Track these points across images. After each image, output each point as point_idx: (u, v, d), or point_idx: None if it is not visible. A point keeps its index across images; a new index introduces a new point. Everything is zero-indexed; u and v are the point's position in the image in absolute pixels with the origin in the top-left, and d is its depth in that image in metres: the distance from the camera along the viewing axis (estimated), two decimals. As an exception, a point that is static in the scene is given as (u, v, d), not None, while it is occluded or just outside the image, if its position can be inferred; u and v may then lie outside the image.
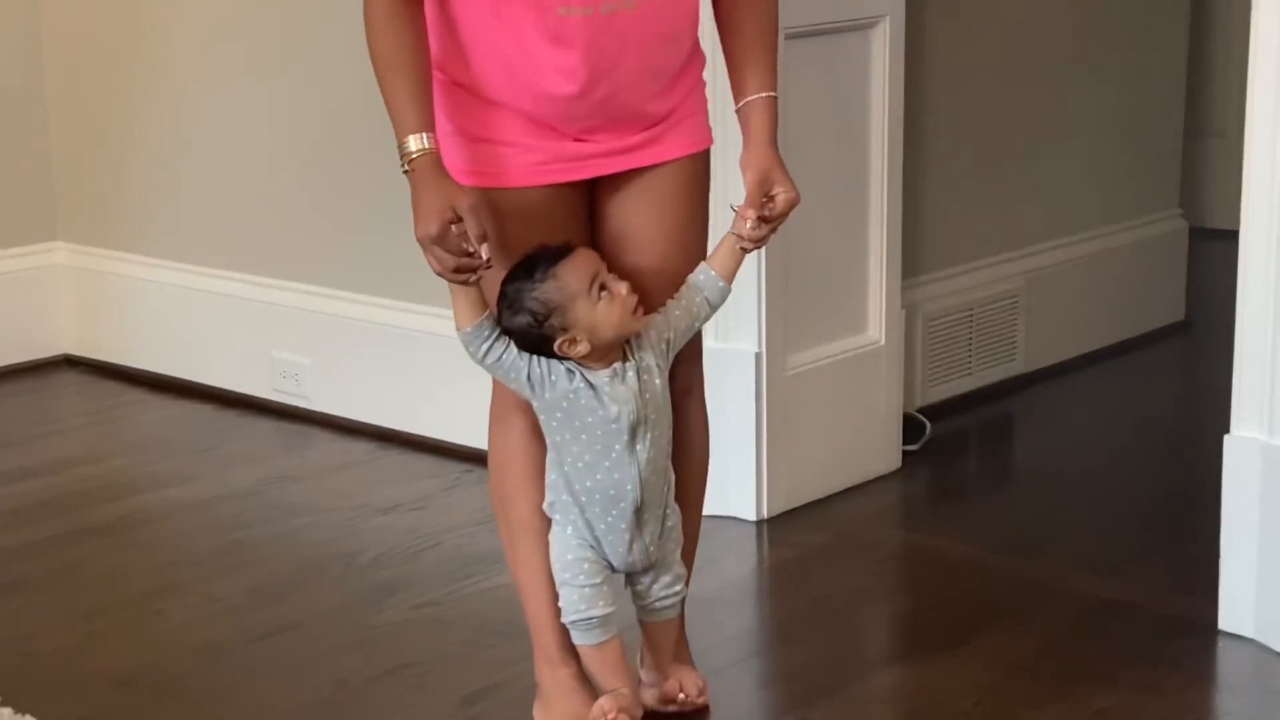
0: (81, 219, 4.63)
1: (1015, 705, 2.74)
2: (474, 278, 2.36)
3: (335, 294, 4.11)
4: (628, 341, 2.47)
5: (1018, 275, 4.33)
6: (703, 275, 2.52)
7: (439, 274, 2.37)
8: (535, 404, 2.47)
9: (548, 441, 2.50)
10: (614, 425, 2.44)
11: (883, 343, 3.73)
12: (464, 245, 2.33)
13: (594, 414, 2.44)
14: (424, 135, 2.35)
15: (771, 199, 2.48)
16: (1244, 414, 2.94)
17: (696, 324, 2.53)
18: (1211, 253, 4.90)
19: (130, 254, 4.52)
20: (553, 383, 2.44)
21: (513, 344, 2.44)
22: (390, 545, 3.43)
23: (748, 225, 2.47)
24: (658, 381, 2.49)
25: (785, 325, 3.51)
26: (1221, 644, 2.95)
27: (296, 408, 4.18)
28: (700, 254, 2.56)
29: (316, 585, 3.26)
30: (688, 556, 2.67)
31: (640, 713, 2.59)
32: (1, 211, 4.58)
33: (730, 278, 2.53)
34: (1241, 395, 2.94)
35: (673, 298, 2.51)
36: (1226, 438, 2.96)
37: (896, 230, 3.71)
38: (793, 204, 2.48)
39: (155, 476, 3.86)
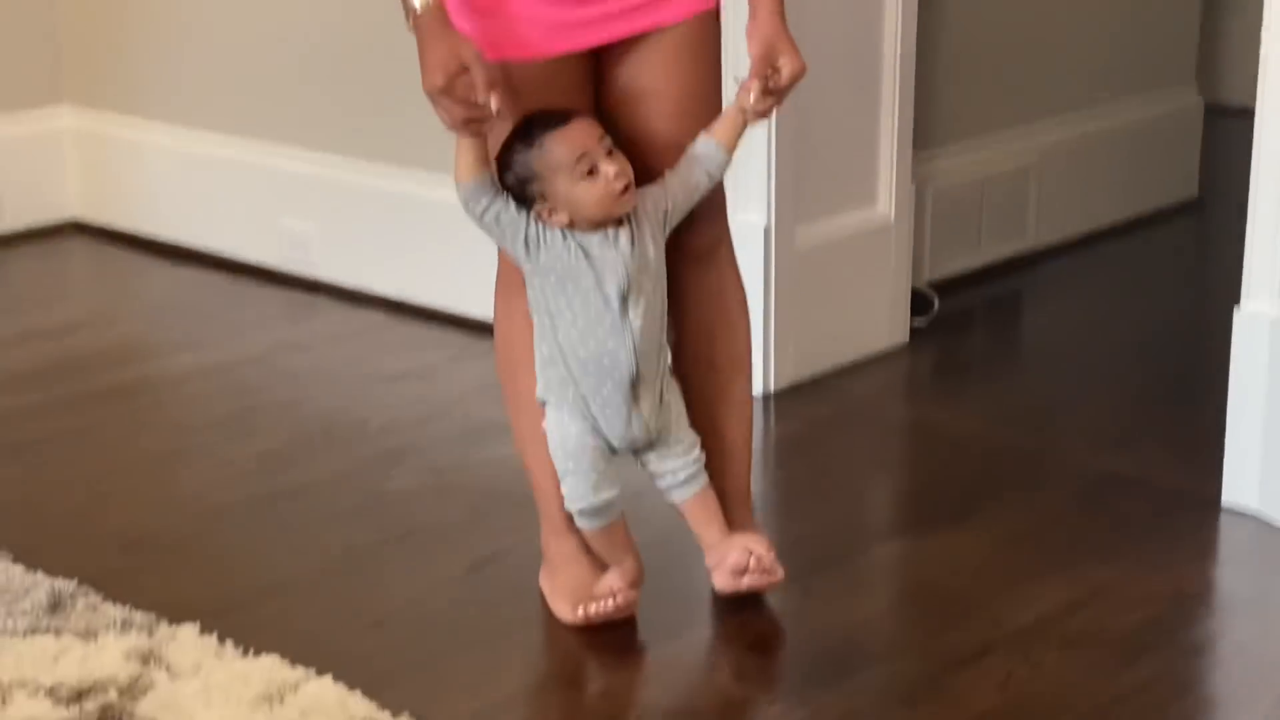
0: (87, 82, 4.61)
1: (1016, 577, 2.76)
2: (485, 129, 2.36)
3: (343, 161, 4.09)
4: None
5: (1030, 150, 4.30)
6: (702, 146, 2.49)
7: (450, 127, 2.36)
8: (528, 268, 2.46)
9: (540, 312, 2.48)
10: (605, 291, 2.43)
11: (892, 217, 3.72)
12: (472, 96, 2.32)
13: (586, 278, 2.43)
14: None
15: (776, 70, 2.44)
16: (1254, 289, 2.93)
17: (695, 195, 2.51)
18: (1227, 130, 4.86)
19: (137, 118, 4.51)
20: (548, 245, 2.43)
21: (512, 203, 2.43)
22: (398, 413, 3.45)
23: (751, 97, 2.45)
24: (651, 251, 2.47)
25: (794, 199, 3.50)
26: (1224, 519, 2.96)
27: (304, 275, 4.18)
28: (711, 116, 2.52)
29: (325, 451, 3.28)
30: (746, 430, 2.65)
31: (642, 580, 2.61)
32: (6, 74, 4.56)
33: (731, 149, 2.50)
34: (1252, 271, 2.93)
35: (671, 169, 2.49)
36: (1236, 313, 2.96)
37: (908, 103, 3.69)
38: (798, 75, 2.45)
39: (164, 342, 3.88)
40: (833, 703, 2.42)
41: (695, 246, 2.56)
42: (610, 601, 2.56)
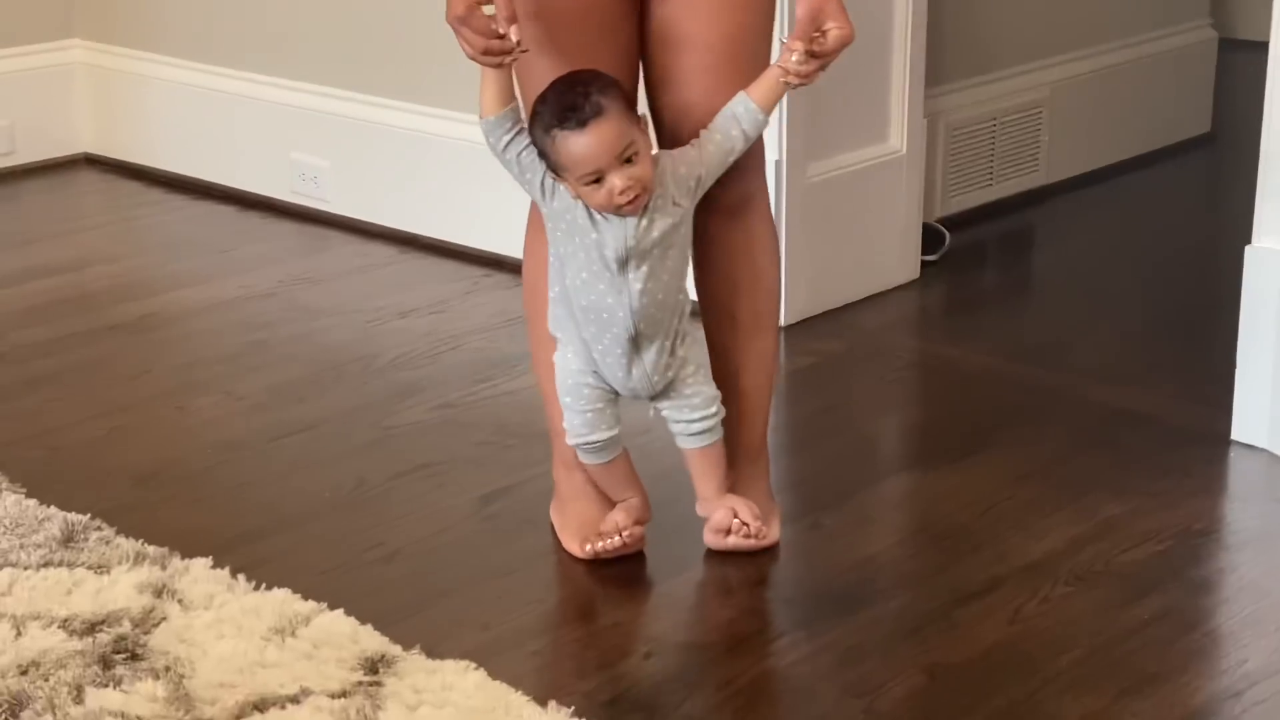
0: (98, 16, 4.59)
1: (1025, 512, 2.77)
2: (507, 60, 2.32)
3: (354, 96, 4.08)
4: None
5: (1042, 85, 4.28)
6: (740, 106, 2.41)
7: (470, 57, 2.33)
8: (543, 210, 2.45)
9: (553, 251, 2.47)
10: (604, 254, 2.40)
11: (904, 152, 3.71)
12: (492, 26, 2.29)
13: (588, 237, 2.41)
14: None
15: (823, 33, 2.34)
16: (1266, 225, 2.93)
17: (730, 158, 2.44)
18: (1240, 64, 4.84)
19: (148, 53, 4.49)
20: (560, 194, 2.41)
21: (534, 146, 2.41)
22: (409, 347, 3.45)
23: (794, 59, 2.35)
24: (667, 220, 2.40)
25: (806, 133, 3.49)
26: (1233, 454, 2.97)
27: (316, 210, 4.18)
28: (757, 67, 2.44)
29: (336, 386, 3.28)
30: (766, 385, 2.62)
31: (649, 514, 2.62)
32: (18, 8, 4.54)
33: (769, 110, 2.41)
34: (1264, 207, 2.92)
35: (707, 129, 2.42)
36: (1247, 249, 2.95)
37: (921, 38, 3.67)
38: (845, 41, 2.35)
39: (176, 276, 3.88)
40: (841, 636, 2.43)
41: (727, 201, 2.51)
42: (616, 539, 2.57)
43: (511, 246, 3.84)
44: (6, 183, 4.49)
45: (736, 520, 2.58)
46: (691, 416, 2.54)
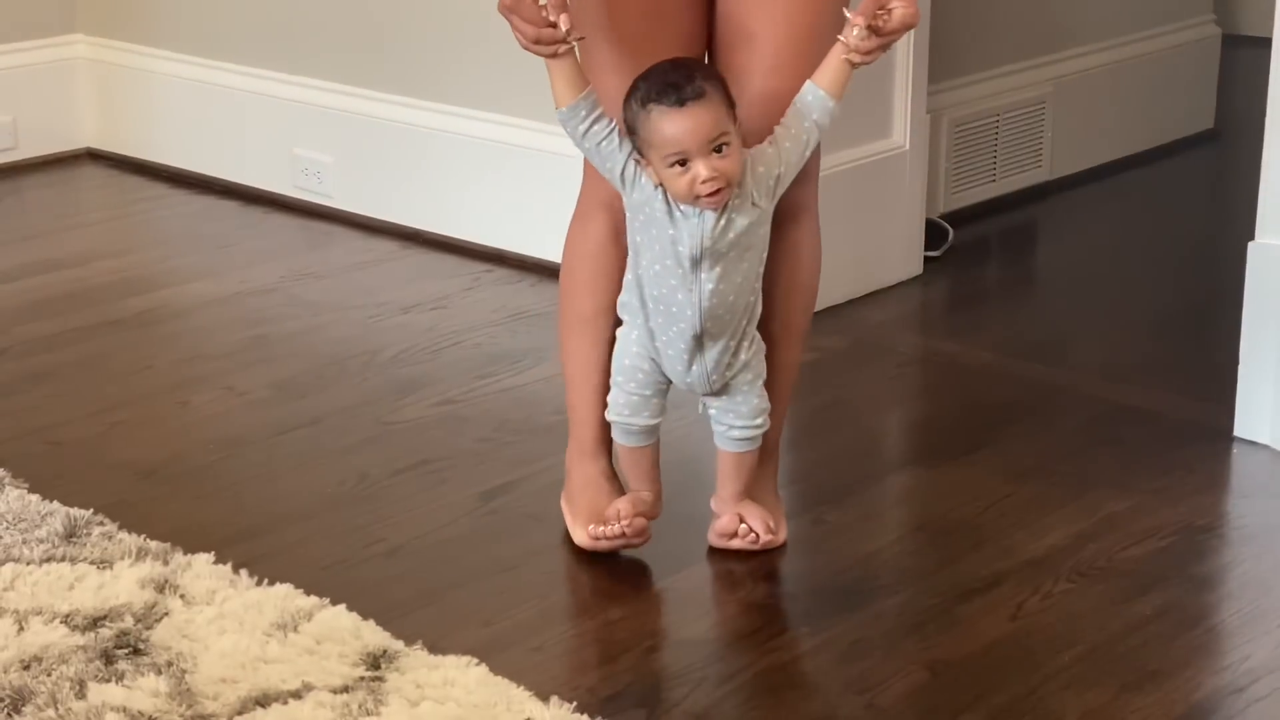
0: (101, 11, 4.59)
1: (1027, 509, 2.77)
2: (561, 49, 2.30)
3: (357, 92, 4.08)
4: None
5: (1046, 81, 4.28)
6: (810, 95, 2.37)
7: (523, 47, 2.31)
8: (625, 200, 2.42)
9: (630, 239, 2.44)
10: (678, 249, 2.38)
11: (907, 147, 3.71)
12: (543, 15, 2.27)
13: (665, 231, 2.38)
14: None
15: (888, 10, 2.31)
16: (1269, 221, 2.93)
17: (808, 151, 2.41)
18: (1244, 60, 4.83)
19: (151, 48, 4.49)
20: (641, 185, 2.38)
21: (614, 132, 2.36)
22: (411, 343, 3.45)
23: (854, 34, 2.31)
24: (745, 221, 2.37)
25: (809, 128, 3.48)
26: (1236, 450, 2.97)
27: (318, 205, 4.18)
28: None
29: (338, 381, 3.28)
30: (784, 393, 2.60)
31: (657, 514, 2.61)
32: (21, 3, 4.54)
33: (839, 95, 2.37)
34: (1267, 203, 2.92)
35: (780, 125, 2.39)
36: (1250, 244, 2.95)
37: (924, 33, 3.66)
38: (909, 22, 2.32)
39: (178, 271, 3.88)
40: (844, 631, 2.43)
41: (778, 212, 2.46)
42: (617, 526, 2.56)
43: (514, 242, 3.86)
44: (9, 178, 4.49)
45: (744, 526, 2.58)
46: (738, 422, 2.53)
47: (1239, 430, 2.99)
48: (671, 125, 2.31)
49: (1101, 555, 2.62)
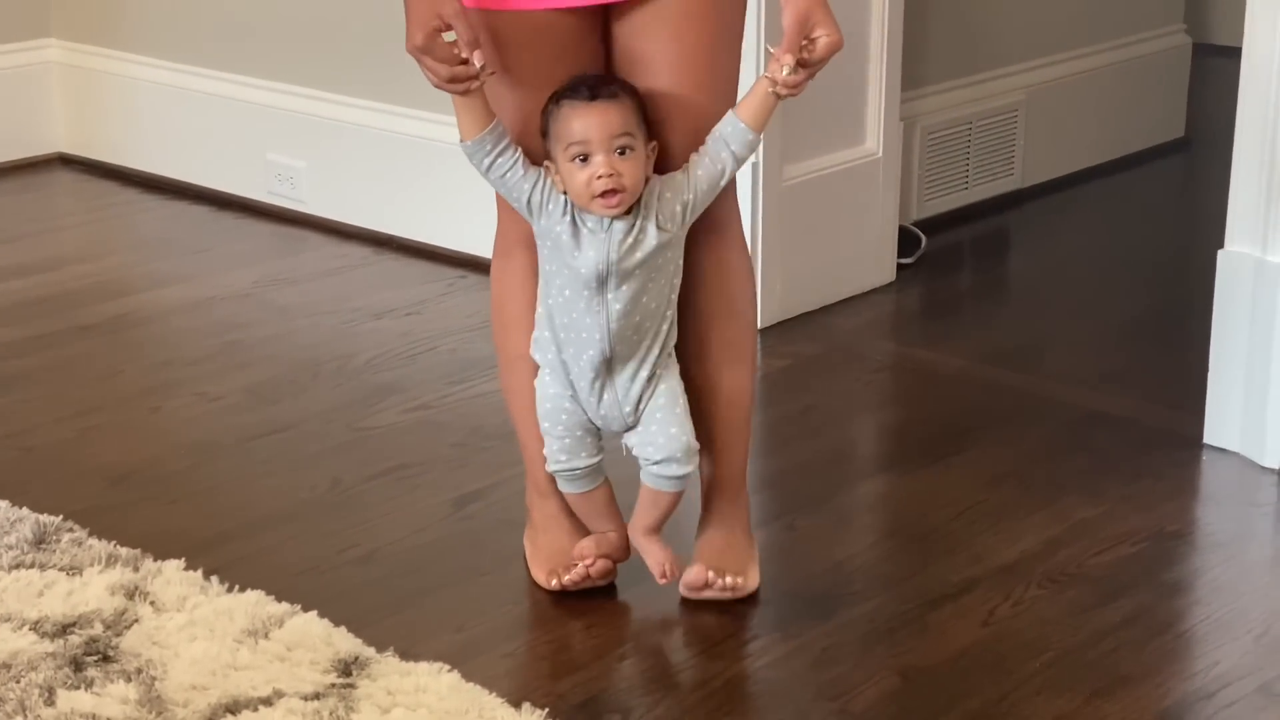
0: (74, 16, 4.58)
1: (999, 515, 2.78)
2: (474, 85, 2.29)
3: (330, 97, 4.08)
4: (640, 197, 2.34)
5: (1018, 89, 4.29)
6: (729, 126, 2.33)
7: (436, 86, 2.31)
8: (534, 228, 2.41)
9: (541, 270, 2.42)
10: (584, 270, 2.35)
11: (880, 155, 3.72)
12: (455, 54, 2.26)
13: (571, 254, 2.36)
14: None
15: (812, 42, 2.28)
16: (1238, 230, 2.94)
17: (722, 180, 2.37)
18: (1214, 69, 4.85)
19: (124, 53, 4.48)
20: (549, 211, 2.37)
21: (519, 162, 2.36)
22: (385, 348, 3.45)
23: (784, 71, 2.28)
24: (653, 242, 2.35)
25: (782, 135, 3.49)
26: (1206, 457, 2.98)
27: (292, 210, 4.17)
28: (726, 88, 2.40)
29: (311, 386, 3.28)
30: (741, 424, 2.51)
31: (626, 555, 2.55)
32: (-7, 7, 4.53)
33: (760, 127, 2.33)
34: (1236, 211, 2.93)
35: (696, 153, 2.37)
36: (1220, 253, 2.96)
37: (897, 41, 3.67)
38: (834, 48, 2.28)
39: (151, 276, 3.87)
40: (816, 638, 2.43)
41: (697, 227, 2.41)
42: (583, 568, 2.51)
43: (487, 248, 3.84)
44: (-20, 182, 4.48)
45: (711, 574, 2.50)
46: (656, 455, 2.44)
47: (1208, 437, 3.00)
48: (578, 118, 2.31)
49: (1072, 561, 2.63)
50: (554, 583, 2.53)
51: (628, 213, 2.35)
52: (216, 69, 4.29)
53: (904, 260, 3.85)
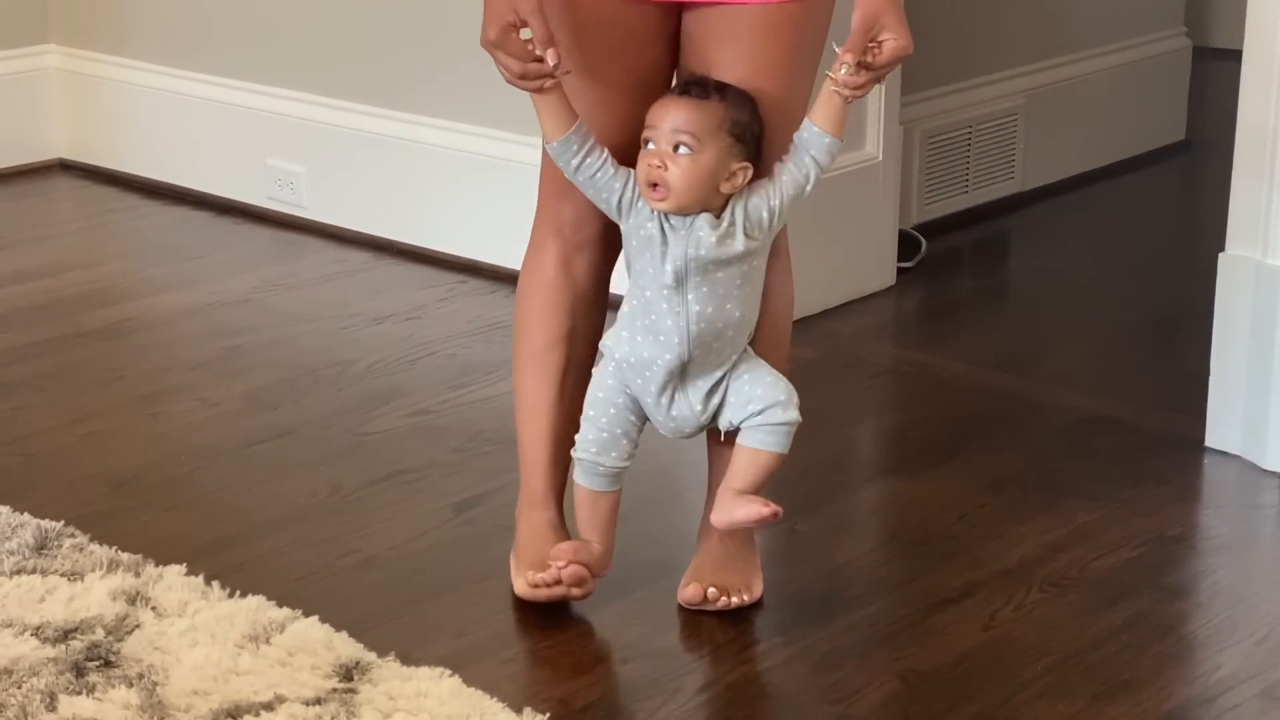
0: (73, 21, 4.58)
1: (1000, 519, 2.78)
2: (547, 84, 2.26)
3: (330, 102, 4.08)
4: (726, 199, 2.33)
5: (1018, 93, 4.29)
6: (806, 133, 2.31)
7: (508, 82, 2.28)
8: (622, 226, 2.39)
9: (629, 269, 2.39)
10: (665, 267, 2.33)
11: (880, 159, 3.72)
12: (529, 51, 2.24)
13: (655, 252, 2.34)
14: None
15: (879, 44, 2.25)
16: (1238, 233, 2.94)
17: (808, 187, 2.35)
18: (1215, 72, 4.85)
19: (123, 58, 4.48)
20: (637, 209, 2.35)
21: (607, 161, 2.33)
22: (385, 354, 3.45)
23: (843, 71, 2.24)
24: (738, 248, 2.33)
25: (782, 139, 3.49)
26: (1207, 460, 2.98)
27: (292, 216, 4.17)
28: (793, 105, 2.35)
29: (311, 392, 3.28)
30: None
31: (604, 570, 2.49)
32: (-7, 13, 4.54)
33: (836, 129, 2.30)
34: (1237, 214, 2.93)
35: (781, 161, 2.34)
36: (1221, 256, 2.96)
37: (897, 44, 3.67)
38: (900, 54, 2.26)
39: (151, 282, 3.87)
40: (817, 642, 2.43)
41: None
42: (555, 570, 2.44)
43: (487, 253, 3.86)
44: (-20, 188, 4.48)
45: (713, 590, 2.48)
46: (758, 406, 2.37)
47: (1210, 441, 3.00)
48: (659, 107, 2.31)
49: (1074, 565, 2.63)
50: (529, 586, 2.46)
51: (719, 214, 2.33)
52: (216, 74, 4.29)
53: (904, 264, 3.85)
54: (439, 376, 3.34)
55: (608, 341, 2.44)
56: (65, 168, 4.63)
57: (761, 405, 2.40)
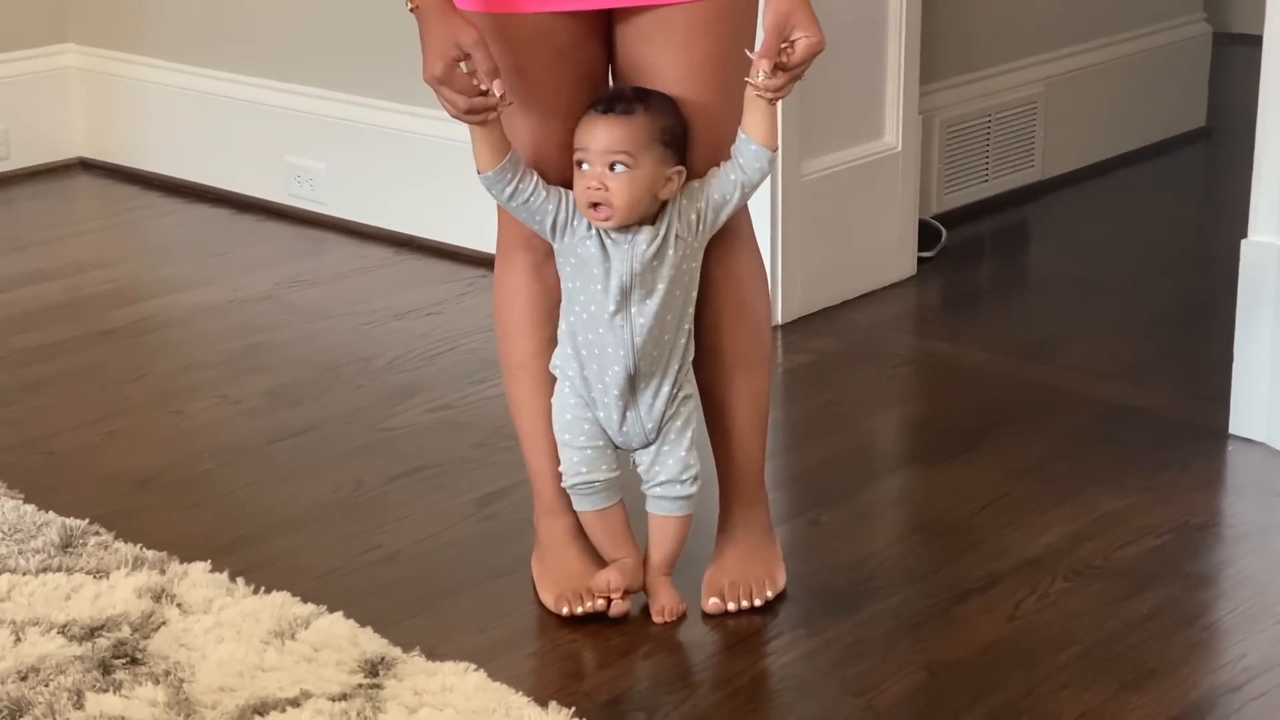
0: (92, 20, 4.59)
1: (1023, 508, 2.77)
2: (490, 116, 2.27)
3: (349, 99, 4.08)
4: (663, 205, 2.33)
5: (1037, 81, 4.28)
6: (740, 144, 2.32)
7: (454, 116, 2.28)
8: (555, 247, 2.40)
9: (564, 288, 2.40)
10: (609, 284, 2.34)
11: (899, 149, 3.71)
12: (474, 84, 2.24)
13: (596, 268, 2.35)
14: None
15: (791, 44, 2.24)
16: (1262, 219, 2.93)
17: (736, 193, 2.35)
18: (1235, 58, 4.84)
19: (142, 57, 4.49)
20: (573, 229, 2.36)
21: (538, 184, 2.34)
22: (405, 349, 3.45)
23: (760, 77, 2.24)
24: (673, 253, 2.34)
25: (801, 130, 3.49)
26: (1231, 448, 2.97)
27: (311, 212, 4.18)
28: (732, 99, 2.32)
29: (333, 388, 3.28)
30: (757, 426, 2.50)
31: (641, 583, 2.49)
32: (11, 13, 4.54)
33: (765, 137, 2.30)
34: (1260, 200, 2.92)
35: (716, 167, 2.35)
36: (1243, 242, 2.95)
37: (915, 34, 3.67)
38: (814, 51, 2.24)
39: (172, 280, 3.88)
40: (841, 633, 2.43)
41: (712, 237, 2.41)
42: (601, 603, 2.45)
43: (507, 247, 3.86)
44: (1, 188, 4.49)
45: (730, 606, 2.48)
46: (662, 476, 2.44)
47: (1234, 428, 2.99)
48: (586, 128, 2.31)
49: (1098, 554, 2.63)
50: (564, 610, 2.47)
51: (652, 223, 2.34)
52: (235, 72, 4.30)
53: (924, 254, 3.85)
54: (460, 371, 3.34)
55: (557, 361, 2.45)
56: (85, 166, 4.64)
57: (665, 477, 2.45)
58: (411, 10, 2.29)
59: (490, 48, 2.28)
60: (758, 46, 2.30)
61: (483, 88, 2.25)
